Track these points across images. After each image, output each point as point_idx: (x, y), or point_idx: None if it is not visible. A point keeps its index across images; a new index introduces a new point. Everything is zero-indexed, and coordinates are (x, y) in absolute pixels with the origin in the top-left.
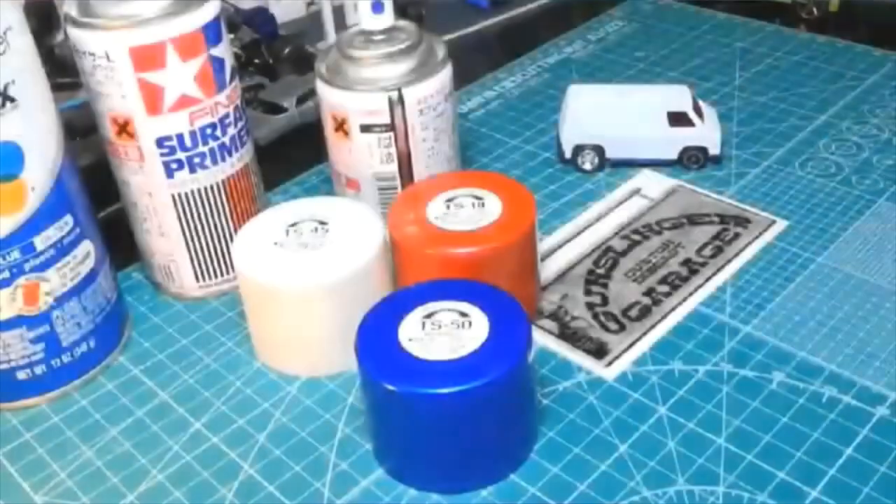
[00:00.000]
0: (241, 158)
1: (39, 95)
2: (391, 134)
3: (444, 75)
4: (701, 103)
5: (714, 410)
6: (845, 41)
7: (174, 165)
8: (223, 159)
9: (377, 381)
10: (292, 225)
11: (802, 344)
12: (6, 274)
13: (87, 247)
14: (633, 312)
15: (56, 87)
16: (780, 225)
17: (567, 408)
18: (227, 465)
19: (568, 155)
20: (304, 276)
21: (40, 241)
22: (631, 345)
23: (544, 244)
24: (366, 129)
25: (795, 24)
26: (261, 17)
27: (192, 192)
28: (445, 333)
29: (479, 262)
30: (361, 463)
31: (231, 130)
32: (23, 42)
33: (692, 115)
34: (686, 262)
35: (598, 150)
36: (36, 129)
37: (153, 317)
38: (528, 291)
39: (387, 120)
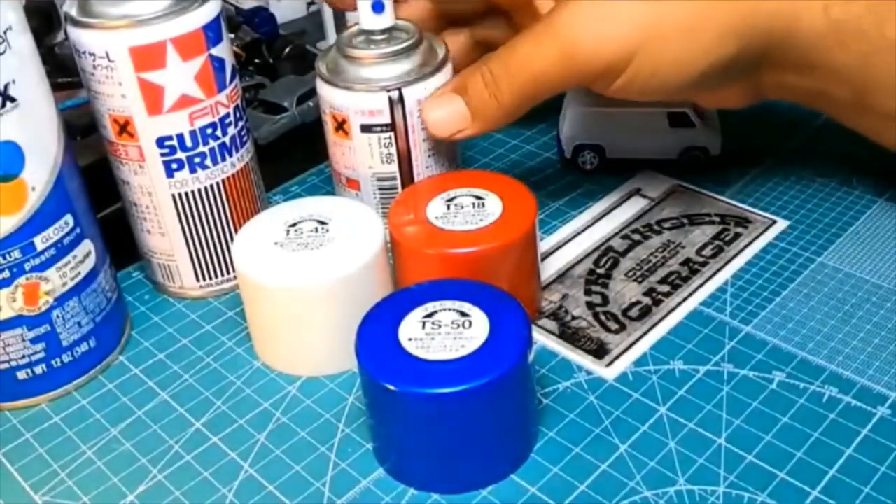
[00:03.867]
0: (241, 158)
1: (39, 95)
2: (391, 134)
3: (445, 75)
4: None
5: (714, 410)
6: None
7: (174, 165)
8: (223, 159)
9: (377, 381)
10: (292, 225)
11: (802, 344)
12: (6, 274)
13: (87, 246)
14: (634, 312)
15: (56, 87)
16: (781, 225)
17: (567, 408)
18: (227, 465)
19: (568, 155)
20: (304, 276)
21: (40, 241)
22: (631, 345)
23: (544, 244)
24: (366, 128)
25: None
26: (261, 17)
27: (193, 191)
28: (445, 333)
29: (479, 262)
30: (361, 463)
31: (231, 130)
32: (23, 42)
33: (692, 116)
34: (686, 262)
35: (598, 150)
36: (36, 129)
37: (153, 317)
38: (528, 291)
39: (387, 120)
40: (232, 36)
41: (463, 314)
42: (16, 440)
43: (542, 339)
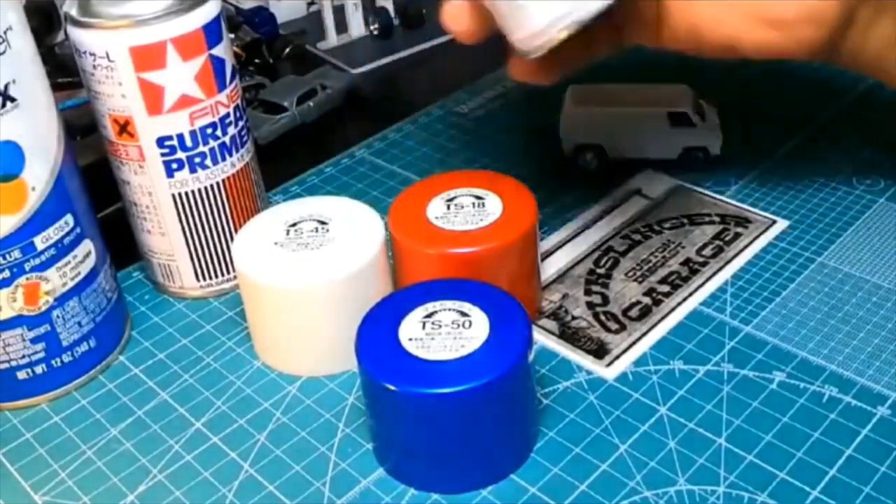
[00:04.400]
0: (241, 158)
1: (39, 95)
2: None
3: None
4: (702, 103)
5: (714, 410)
6: None
7: (174, 165)
8: (223, 159)
9: (377, 381)
10: (292, 225)
11: (802, 344)
12: (6, 274)
13: (87, 246)
14: (634, 312)
15: (56, 87)
16: (781, 225)
17: (567, 408)
18: (227, 465)
19: (568, 155)
20: (304, 276)
21: (40, 241)
22: (631, 345)
23: (544, 244)
24: None
25: None
26: (261, 17)
27: (193, 191)
28: (445, 333)
29: (479, 262)
30: (361, 463)
31: (231, 130)
32: (23, 42)
33: (693, 115)
34: (686, 262)
35: (599, 150)
36: (36, 129)
37: (153, 316)
38: (529, 291)
39: None
40: (232, 36)
41: (463, 314)
42: (16, 440)
43: (542, 339)
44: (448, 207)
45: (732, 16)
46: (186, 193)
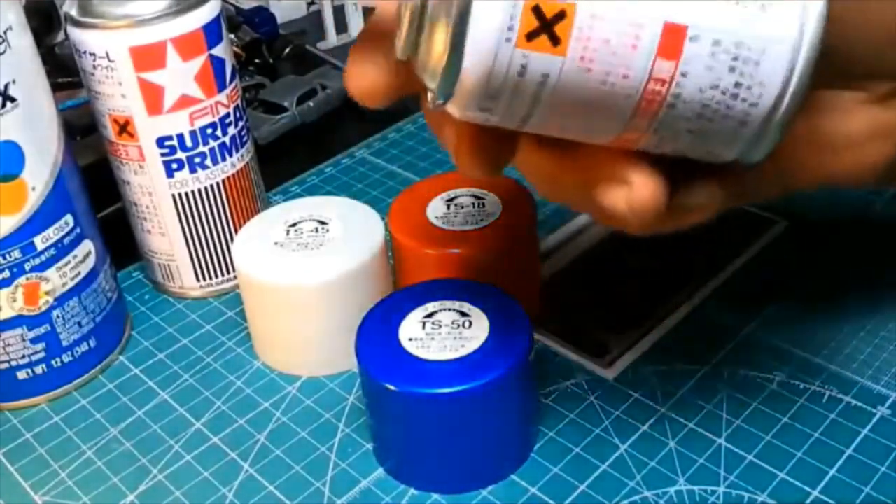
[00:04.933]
0: (241, 158)
1: (39, 95)
2: None
3: None
4: None
5: (714, 410)
6: None
7: (174, 165)
8: (223, 159)
9: (377, 381)
10: (292, 225)
11: (802, 344)
12: (6, 274)
13: (87, 246)
14: (634, 312)
15: (56, 87)
16: (781, 225)
17: (567, 408)
18: (227, 465)
19: None
20: (304, 276)
21: (40, 241)
22: (631, 345)
23: (544, 244)
24: None
25: None
26: (261, 17)
27: (193, 191)
28: (445, 333)
29: (479, 262)
30: (361, 463)
31: (231, 130)
32: (23, 42)
33: None
34: (687, 262)
35: None
36: (36, 129)
37: (153, 316)
38: (529, 291)
39: None
40: (232, 36)
41: (463, 314)
42: (16, 440)
43: (542, 339)
44: (448, 207)
45: (795, 148)
46: (186, 193)
